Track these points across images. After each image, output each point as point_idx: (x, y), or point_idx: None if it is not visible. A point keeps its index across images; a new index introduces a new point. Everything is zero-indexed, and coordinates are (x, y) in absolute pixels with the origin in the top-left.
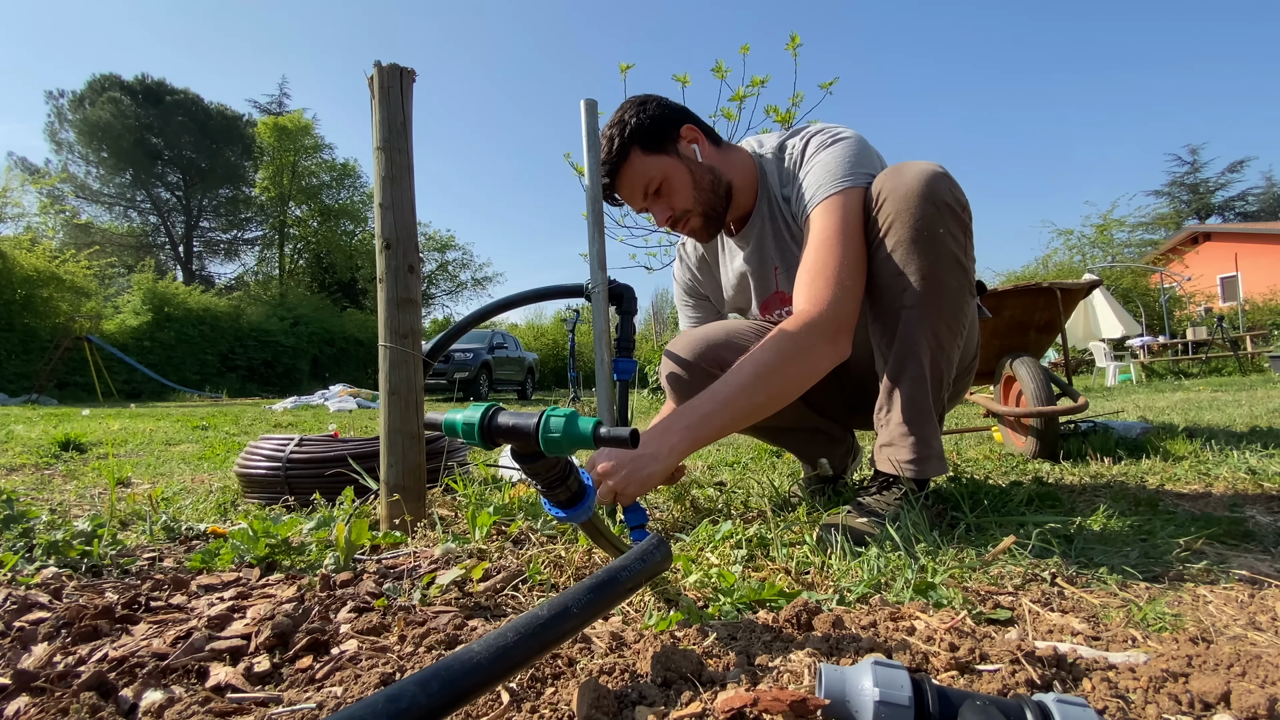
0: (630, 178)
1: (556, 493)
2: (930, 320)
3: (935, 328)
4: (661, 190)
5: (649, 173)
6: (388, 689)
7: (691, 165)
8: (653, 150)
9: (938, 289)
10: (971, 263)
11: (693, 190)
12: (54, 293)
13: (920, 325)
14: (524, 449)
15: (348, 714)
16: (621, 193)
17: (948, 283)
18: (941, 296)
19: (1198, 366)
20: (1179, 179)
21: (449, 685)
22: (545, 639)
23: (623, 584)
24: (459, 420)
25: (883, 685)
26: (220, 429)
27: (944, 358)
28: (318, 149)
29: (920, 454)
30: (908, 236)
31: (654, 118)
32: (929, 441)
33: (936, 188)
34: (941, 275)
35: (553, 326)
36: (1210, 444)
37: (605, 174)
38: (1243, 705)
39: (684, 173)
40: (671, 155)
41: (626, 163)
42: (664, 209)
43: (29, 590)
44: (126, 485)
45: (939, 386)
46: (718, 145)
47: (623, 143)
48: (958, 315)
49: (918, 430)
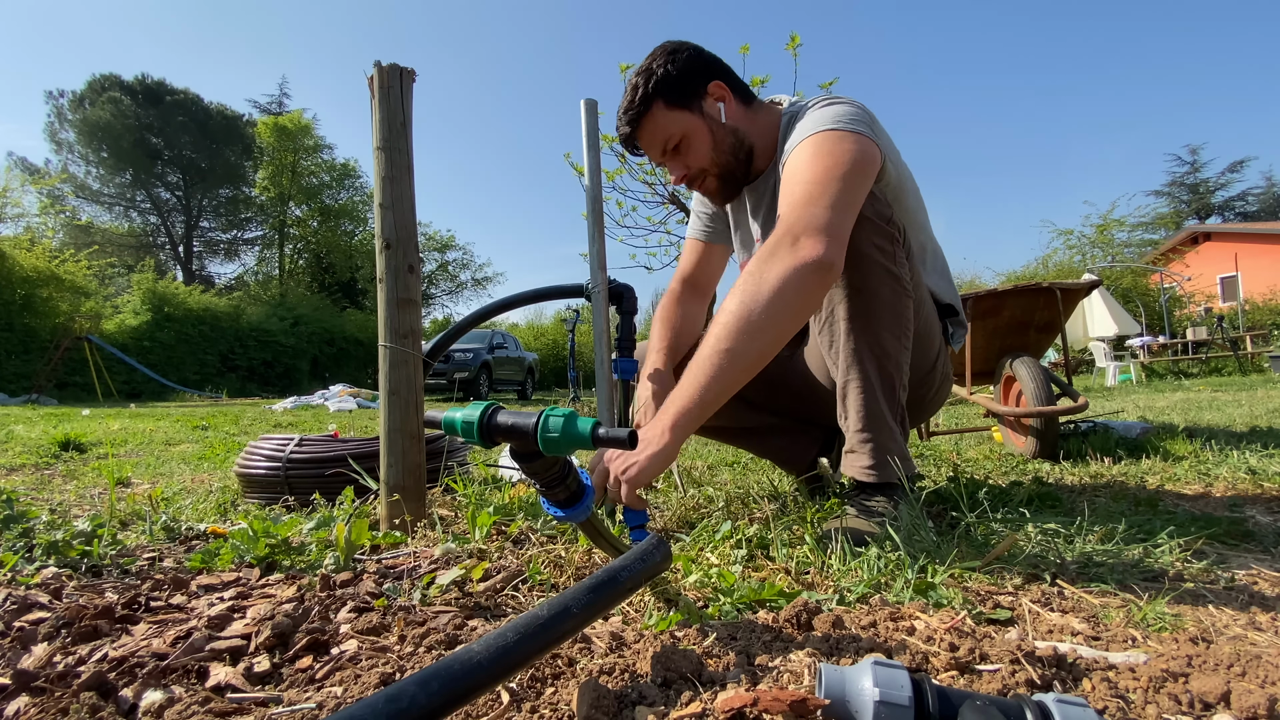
0: (650, 130)
1: (555, 492)
2: (871, 330)
3: (877, 335)
4: (680, 148)
5: (669, 129)
6: (388, 689)
7: (714, 125)
8: (676, 105)
9: (871, 299)
10: (904, 269)
11: (711, 151)
12: (54, 293)
13: (860, 335)
14: (522, 448)
15: (348, 714)
16: (641, 143)
17: (881, 292)
18: (877, 304)
19: (1198, 366)
20: (1179, 179)
21: (449, 685)
22: (545, 639)
23: (623, 584)
24: (459, 419)
25: (883, 685)
26: (220, 429)
27: (891, 364)
28: (318, 149)
29: (878, 459)
30: None
31: (682, 70)
32: (885, 445)
33: None
34: (874, 287)
35: (553, 326)
36: (1210, 444)
37: (627, 122)
38: (1243, 705)
39: (705, 132)
40: (695, 112)
41: (649, 115)
42: (680, 167)
43: (29, 590)
44: (126, 485)
45: (891, 391)
46: (748, 104)
47: (646, 93)
48: (898, 321)
49: (873, 436)
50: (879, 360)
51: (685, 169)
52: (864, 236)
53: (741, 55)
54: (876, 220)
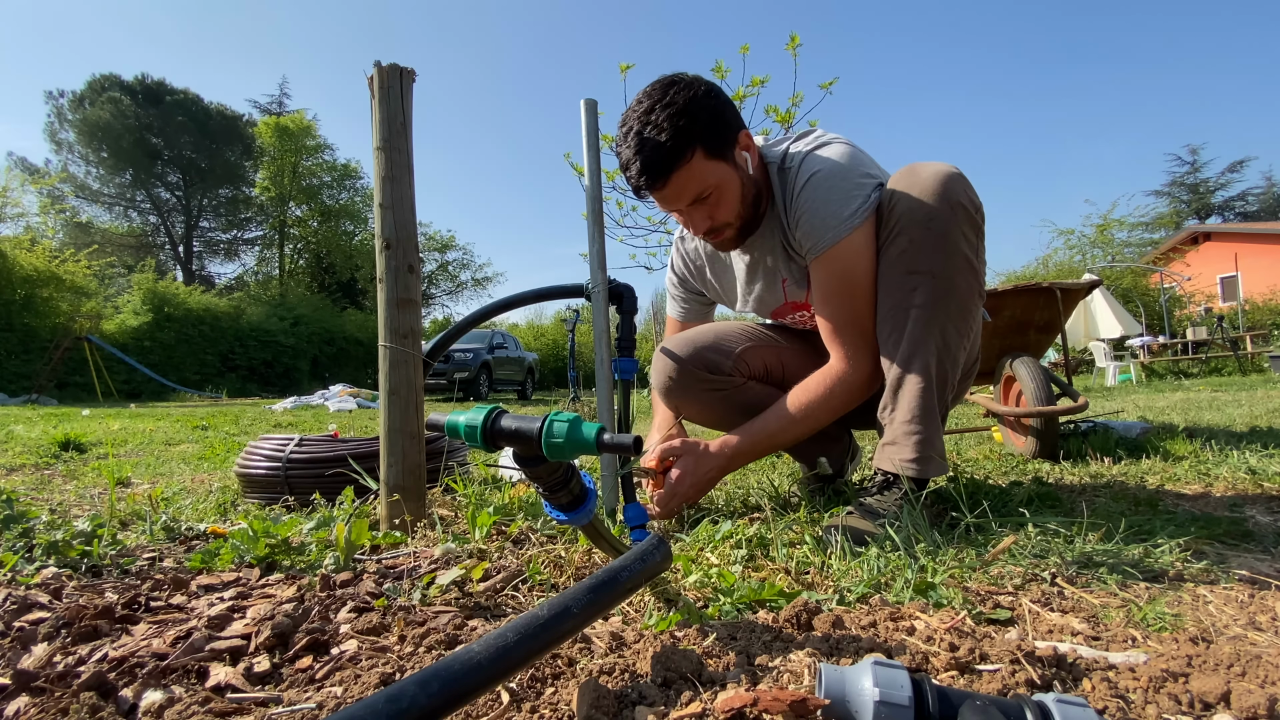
0: (685, 180)
1: (558, 496)
2: (939, 321)
3: (944, 329)
4: (710, 199)
5: (706, 180)
6: (388, 689)
7: (743, 177)
8: (715, 155)
9: (948, 290)
10: (982, 265)
11: (739, 204)
12: (54, 293)
13: (929, 326)
14: (526, 453)
15: (348, 714)
16: (665, 190)
17: (958, 284)
18: (952, 298)
19: (1198, 366)
20: (1179, 179)
21: (449, 685)
22: (545, 639)
23: (623, 584)
24: (461, 422)
25: (883, 685)
26: (220, 429)
27: (950, 359)
28: (320, 150)
29: (922, 453)
30: (920, 237)
31: (721, 117)
32: (932, 441)
33: (951, 188)
34: (953, 276)
35: (553, 326)
36: (1210, 444)
37: (660, 169)
38: (1243, 705)
39: (736, 185)
40: (730, 163)
41: (686, 164)
42: (704, 219)
43: (29, 590)
44: (126, 485)
45: (944, 388)
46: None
47: (688, 139)
48: (966, 317)
49: (922, 430)
50: (940, 355)
51: (710, 220)
52: (955, 222)
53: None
54: (969, 207)
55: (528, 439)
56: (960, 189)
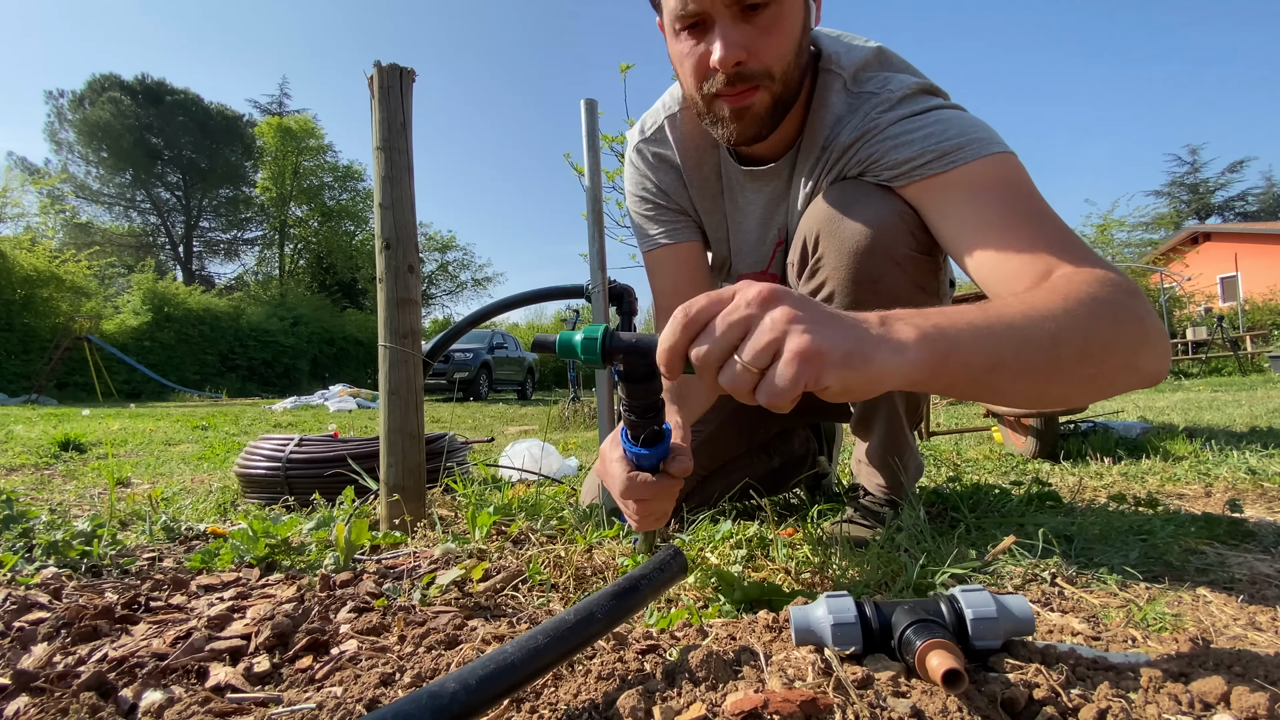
0: None
1: (649, 421)
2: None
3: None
4: (768, 12)
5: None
6: (429, 686)
7: (807, 20)
8: None
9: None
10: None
11: (791, 51)
12: (54, 293)
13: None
14: (643, 369)
15: (394, 709)
16: None
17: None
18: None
19: (1198, 366)
20: (1179, 179)
21: (487, 683)
22: (574, 641)
23: (642, 592)
24: (578, 339)
25: (834, 611)
26: (220, 429)
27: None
28: (321, 150)
29: (892, 482)
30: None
31: None
32: (905, 465)
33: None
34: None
35: (553, 327)
36: (1210, 444)
37: None
38: (1243, 705)
39: (799, 22)
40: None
41: None
42: (744, 45)
43: (29, 590)
44: (126, 485)
45: (915, 409)
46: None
47: None
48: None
49: (895, 457)
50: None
51: (750, 53)
52: (888, 271)
53: None
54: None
55: (648, 350)
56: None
